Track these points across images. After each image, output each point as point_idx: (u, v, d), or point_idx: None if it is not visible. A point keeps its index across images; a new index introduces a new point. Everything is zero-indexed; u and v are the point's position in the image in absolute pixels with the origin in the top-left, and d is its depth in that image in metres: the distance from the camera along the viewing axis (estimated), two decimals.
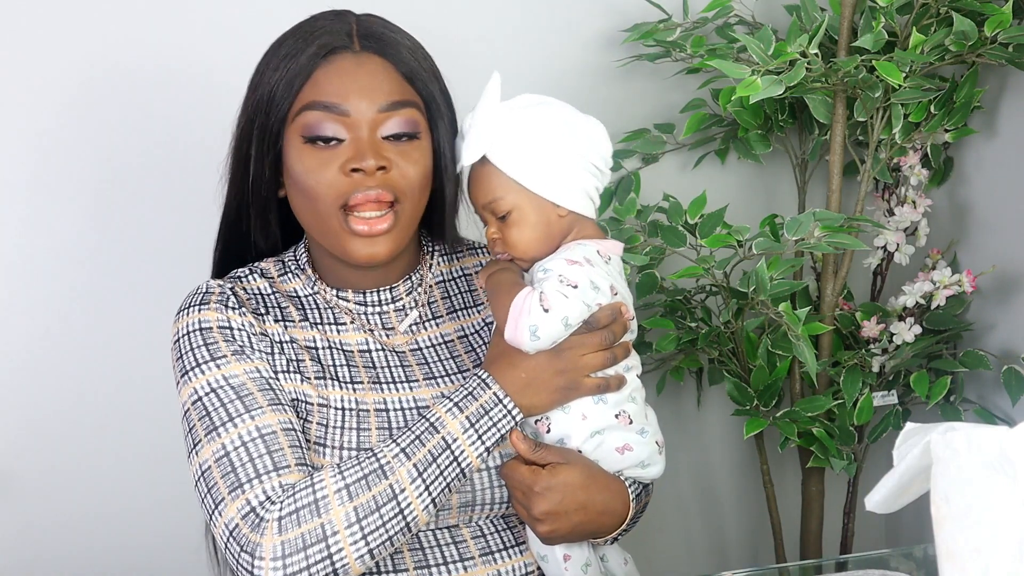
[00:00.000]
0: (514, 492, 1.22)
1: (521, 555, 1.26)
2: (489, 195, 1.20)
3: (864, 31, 1.58)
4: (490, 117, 1.18)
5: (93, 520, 1.71)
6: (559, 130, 1.20)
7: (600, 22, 1.79)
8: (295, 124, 1.20)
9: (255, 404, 1.17)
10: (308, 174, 1.19)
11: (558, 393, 1.19)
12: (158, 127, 1.67)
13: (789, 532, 1.83)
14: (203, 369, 1.19)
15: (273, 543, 1.09)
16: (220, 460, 1.14)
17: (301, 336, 1.25)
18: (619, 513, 1.24)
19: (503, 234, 1.21)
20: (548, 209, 1.20)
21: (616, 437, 1.23)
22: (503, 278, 1.21)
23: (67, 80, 1.63)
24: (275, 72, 1.21)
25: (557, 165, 1.19)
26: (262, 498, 1.11)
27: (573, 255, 1.19)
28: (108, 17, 1.63)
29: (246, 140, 1.24)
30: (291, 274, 1.30)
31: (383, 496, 1.12)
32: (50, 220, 1.65)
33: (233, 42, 1.62)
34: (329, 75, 1.20)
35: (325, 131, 1.18)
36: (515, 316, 1.15)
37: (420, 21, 1.32)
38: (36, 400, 1.68)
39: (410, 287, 1.32)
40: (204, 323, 1.22)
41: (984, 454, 0.83)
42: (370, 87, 1.20)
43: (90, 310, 1.68)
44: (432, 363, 1.29)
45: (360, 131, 1.19)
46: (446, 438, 1.15)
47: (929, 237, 1.74)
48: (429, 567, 1.21)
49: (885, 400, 1.70)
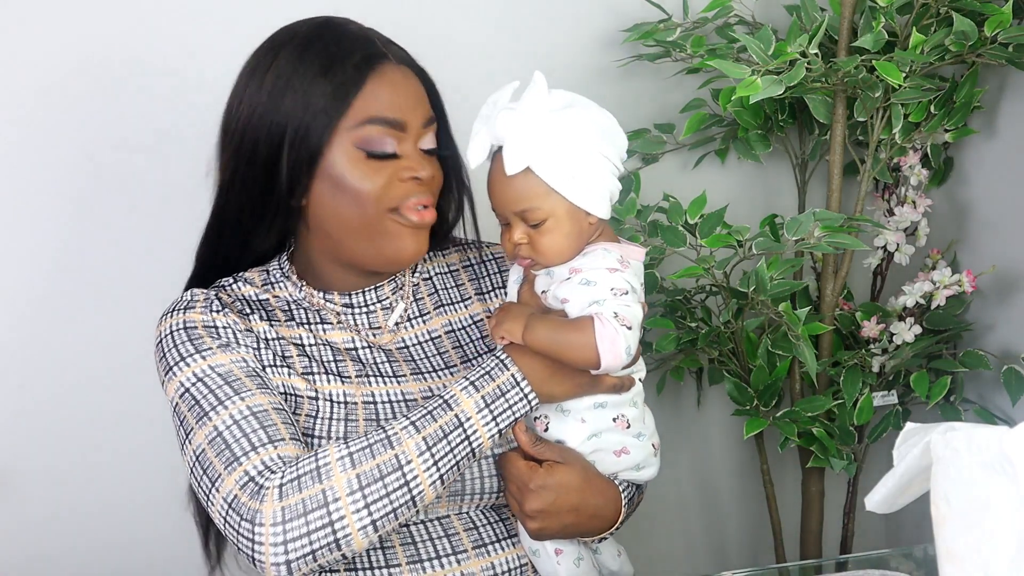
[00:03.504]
0: (508, 485, 1.22)
1: (514, 547, 1.26)
2: (525, 203, 1.17)
3: (864, 31, 1.58)
4: (534, 124, 1.15)
5: (91, 518, 1.71)
6: (594, 136, 1.17)
7: (600, 22, 1.79)
8: (351, 134, 1.20)
9: (244, 387, 1.17)
10: (363, 180, 1.20)
11: (580, 387, 1.20)
12: (143, 124, 1.65)
13: (789, 532, 1.83)
14: (188, 362, 1.19)
15: (273, 508, 1.08)
16: (213, 440, 1.13)
17: (288, 333, 1.26)
18: (609, 518, 1.25)
19: (534, 241, 1.19)
20: (581, 217, 1.18)
21: (613, 440, 1.23)
22: (541, 321, 1.17)
23: (46, 76, 1.61)
24: (313, 81, 1.19)
25: (592, 174, 1.17)
26: (260, 468, 1.11)
27: (609, 263, 1.18)
28: (88, 11, 1.61)
29: (273, 147, 1.20)
30: (275, 283, 1.31)
31: (388, 465, 1.11)
32: (42, 215, 1.64)
33: (219, 38, 1.61)
34: (383, 86, 1.21)
35: (386, 147, 1.21)
36: (608, 345, 1.13)
37: (420, 21, 1.33)
38: (33, 398, 1.67)
39: (395, 287, 1.33)
40: (188, 323, 1.22)
41: (984, 454, 0.83)
42: (417, 101, 1.24)
43: (86, 307, 1.67)
44: (419, 359, 1.29)
45: (409, 142, 1.22)
46: (459, 416, 1.15)
47: (929, 237, 1.74)
48: (422, 561, 1.21)
49: (885, 400, 1.70)
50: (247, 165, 1.23)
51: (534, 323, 1.17)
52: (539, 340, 1.16)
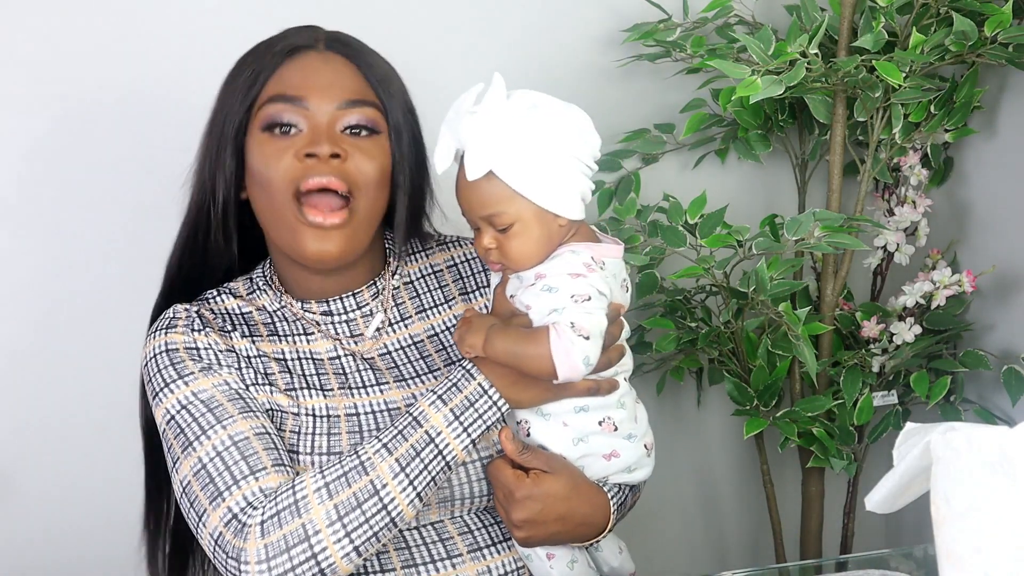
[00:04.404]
0: (496, 492, 1.22)
1: (510, 551, 1.26)
2: (491, 208, 1.16)
3: (864, 31, 1.58)
4: (493, 128, 1.14)
5: (91, 519, 1.71)
6: (558, 137, 1.16)
7: (600, 22, 1.79)
8: (257, 118, 1.21)
9: (226, 414, 1.17)
10: (265, 161, 1.20)
11: (549, 391, 1.19)
12: (145, 130, 1.65)
13: (789, 532, 1.83)
14: (171, 388, 1.20)
15: (257, 547, 1.09)
16: (198, 473, 1.15)
17: (269, 349, 1.26)
18: (598, 525, 1.24)
19: (502, 246, 1.18)
20: (549, 220, 1.17)
21: (602, 443, 1.22)
22: (500, 334, 1.17)
23: (54, 84, 1.62)
24: (242, 72, 1.23)
25: (559, 175, 1.16)
26: (243, 504, 1.12)
27: (572, 267, 1.17)
28: (85, 25, 1.62)
29: (214, 139, 1.24)
30: (259, 291, 1.30)
31: (364, 492, 1.11)
32: (46, 221, 1.65)
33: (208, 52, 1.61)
34: (292, 71, 1.22)
35: (283, 118, 1.20)
36: (563, 358, 1.12)
37: (419, 22, 1.33)
38: (33, 402, 1.67)
39: (375, 292, 1.31)
40: (170, 345, 1.23)
41: (984, 454, 0.83)
42: (332, 83, 1.21)
43: (88, 311, 1.67)
44: (402, 365, 1.28)
45: (319, 123, 1.20)
46: (429, 432, 1.15)
47: (929, 237, 1.74)
48: (416, 566, 1.21)
49: (885, 400, 1.70)
50: (199, 161, 1.26)
51: (493, 336, 1.16)
52: (498, 353, 1.16)
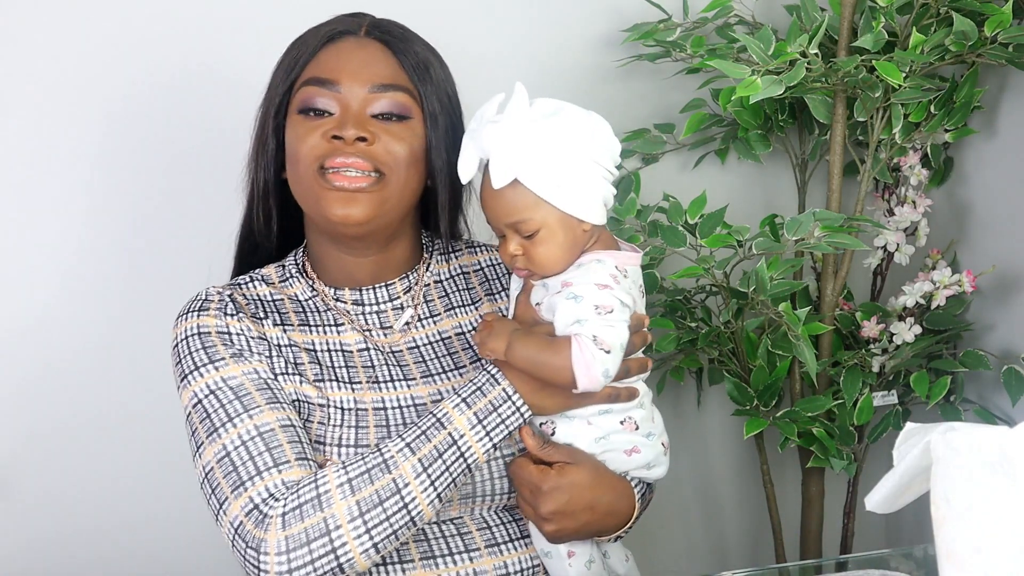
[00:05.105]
0: (521, 490, 1.22)
1: (527, 548, 1.26)
2: (516, 215, 1.17)
3: (864, 31, 1.58)
4: (518, 136, 1.14)
5: (91, 519, 1.71)
6: (581, 143, 1.16)
7: (600, 22, 1.79)
8: (294, 100, 1.24)
9: (253, 403, 1.18)
10: (296, 140, 1.23)
11: (572, 399, 1.20)
12: (158, 125, 1.66)
13: (789, 532, 1.83)
14: (201, 372, 1.20)
15: (277, 538, 1.10)
16: (222, 460, 1.15)
17: (300, 339, 1.26)
18: (624, 513, 1.25)
19: (528, 252, 1.18)
20: (574, 225, 1.18)
21: (623, 440, 1.24)
22: (522, 340, 1.18)
23: (66, 77, 1.63)
24: (288, 56, 1.27)
25: (583, 181, 1.17)
26: (265, 495, 1.12)
27: (599, 277, 1.18)
28: (110, 16, 1.63)
29: (260, 120, 1.28)
30: (292, 278, 1.32)
31: (386, 490, 1.12)
32: (49, 222, 1.65)
33: (246, 43, 1.62)
34: (329, 55, 1.25)
35: (317, 103, 1.23)
36: (583, 370, 1.14)
37: (420, 21, 1.33)
38: (36, 404, 1.67)
39: (407, 286, 1.33)
40: (203, 328, 1.23)
41: (984, 454, 0.83)
42: (364, 67, 1.23)
43: (91, 312, 1.67)
44: (429, 360, 1.29)
45: (350, 107, 1.22)
46: (452, 434, 1.16)
47: (929, 237, 1.74)
48: (435, 558, 1.22)
49: (885, 400, 1.70)
50: (252, 149, 1.30)
51: (515, 342, 1.17)
52: (519, 359, 1.17)
